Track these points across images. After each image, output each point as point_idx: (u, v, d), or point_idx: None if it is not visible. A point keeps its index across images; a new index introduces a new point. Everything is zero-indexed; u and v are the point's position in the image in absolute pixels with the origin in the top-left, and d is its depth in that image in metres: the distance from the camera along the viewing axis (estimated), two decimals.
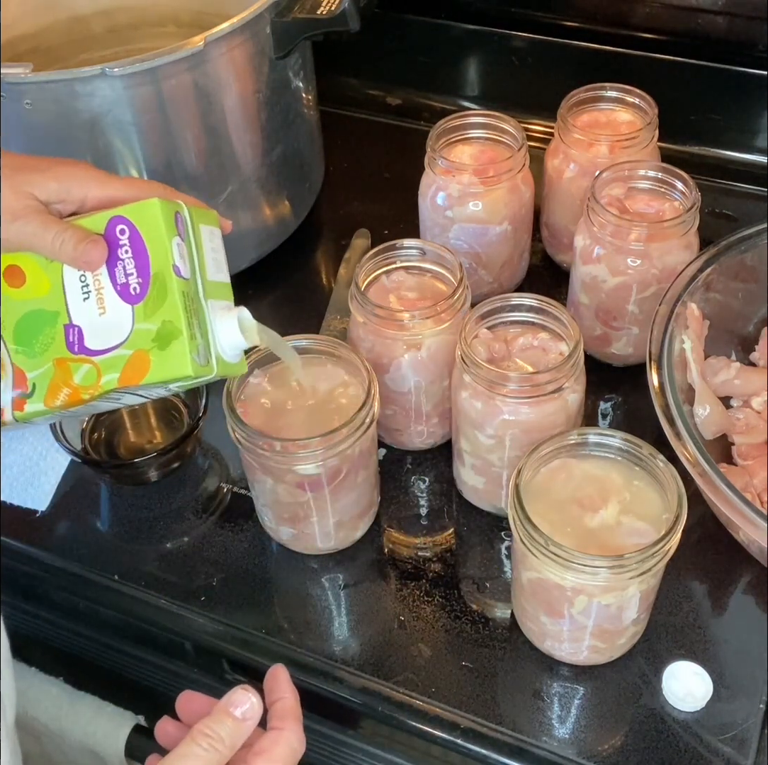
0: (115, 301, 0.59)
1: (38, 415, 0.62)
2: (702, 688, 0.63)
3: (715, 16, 1.00)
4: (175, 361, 0.57)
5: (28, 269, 0.61)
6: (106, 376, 0.59)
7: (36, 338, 0.61)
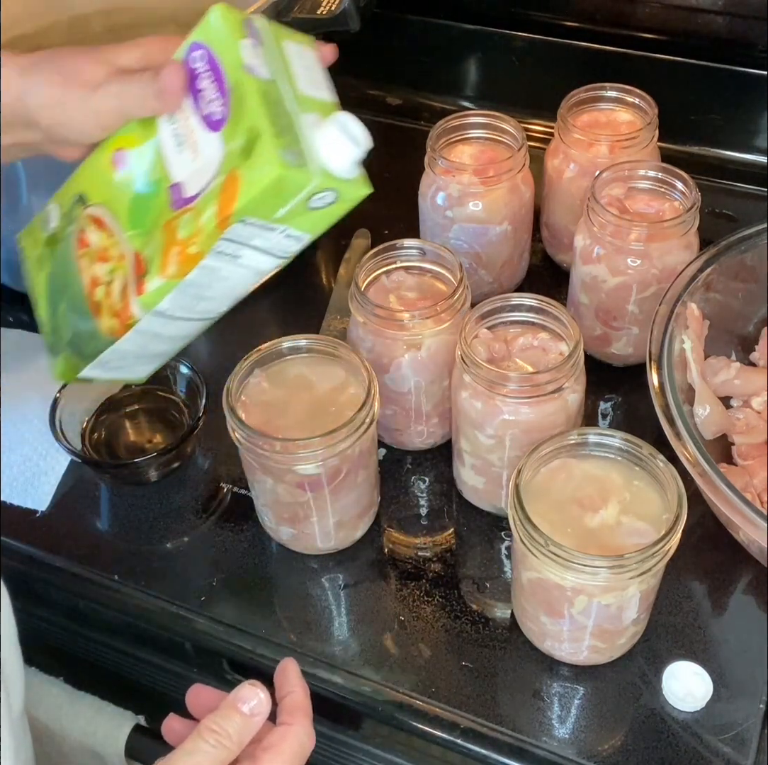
0: (204, 137, 0.54)
1: (160, 293, 0.57)
2: (702, 688, 0.63)
3: (715, 16, 1.00)
4: (261, 164, 0.50)
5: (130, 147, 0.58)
6: (205, 214, 0.53)
7: (147, 214, 0.57)
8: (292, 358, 0.70)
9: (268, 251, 0.57)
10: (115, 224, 0.59)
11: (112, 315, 0.60)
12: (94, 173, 0.61)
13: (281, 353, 0.70)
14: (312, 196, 0.53)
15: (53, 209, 0.63)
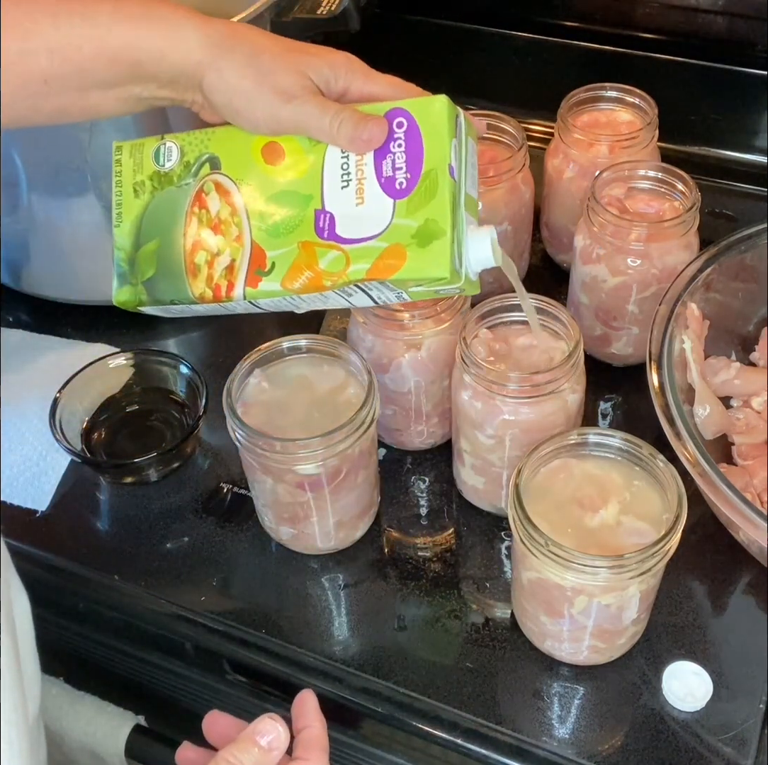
0: (376, 193, 0.57)
1: (270, 295, 0.60)
2: (702, 688, 0.63)
3: (715, 16, 1.00)
4: (433, 260, 0.56)
5: (289, 149, 0.60)
6: (355, 265, 0.57)
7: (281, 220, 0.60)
8: (292, 358, 0.70)
9: (374, 299, 0.62)
10: (243, 207, 0.61)
11: (209, 286, 0.62)
12: (239, 148, 0.62)
13: (281, 353, 0.70)
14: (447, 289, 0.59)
15: (173, 149, 0.64)
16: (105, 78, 0.58)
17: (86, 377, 0.80)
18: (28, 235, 0.88)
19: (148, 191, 0.64)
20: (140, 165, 0.65)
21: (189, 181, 0.63)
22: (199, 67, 0.58)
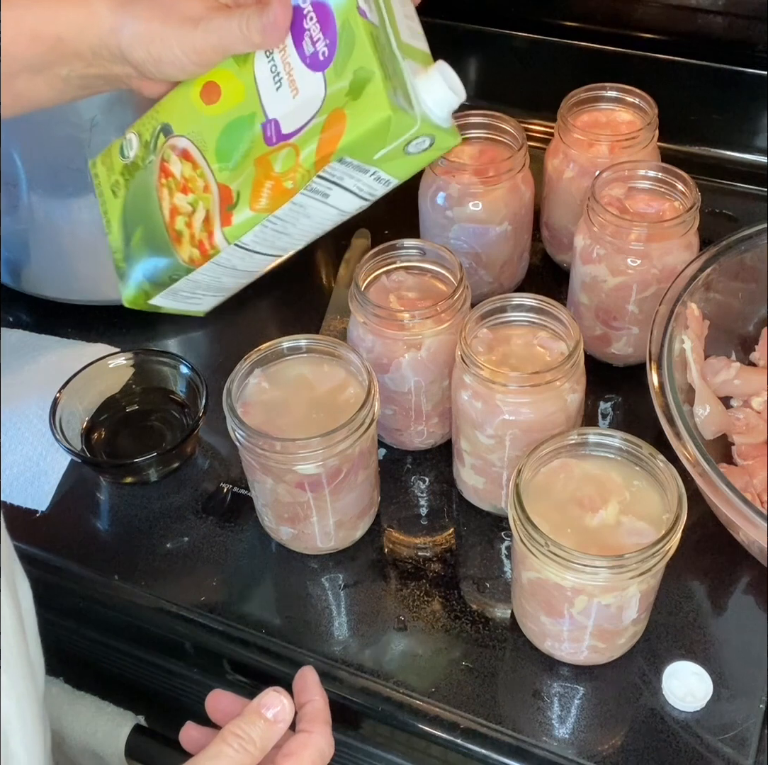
0: (305, 75, 0.55)
1: (246, 226, 0.58)
2: (702, 688, 0.63)
3: (715, 16, 1.00)
4: (370, 104, 0.52)
5: (222, 81, 0.59)
6: (305, 151, 0.55)
7: (236, 148, 0.58)
8: (292, 358, 0.70)
9: (355, 192, 0.58)
10: (200, 156, 0.60)
11: (193, 245, 0.61)
12: (182, 105, 0.61)
13: (281, 353, 0.70)
14: (411, 141, 0.55)
15: (132, 138, 0.64)
16: (29, 60, 0.57)
17: (86, 377, 0.80)
18: (28, 235, 0.88)
19: (123, 187, 0.64)
20: (111, 167, 0.65)
21: (151, 158, 0.63)
22: (113, 32, 0.57)
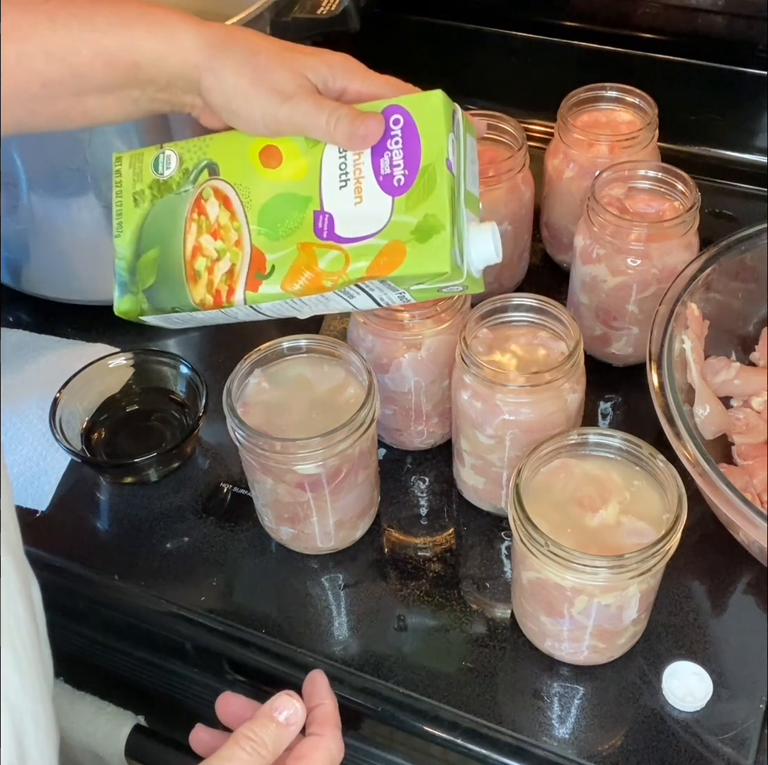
0: (374, 191, 0.57)
1: (270, 298, 0.60)
2: (702, 688, 0.63)
3: (715, 16, 1.00)
4: (433, 255, 0.56)
5: (287, 151, 0.60)
6: (355, 264, 0.57)
7: (281, 221, 0.60)
8: (292, 358, 0.70)
9: (377, 301, 0.61)
10: (241, 211, 0.61)
11: (209, 292, 0.62)
12: (236, 153, 0.62)
13: (281, 353, 0.70)
14: (449, 287, 0.58)
15: (172, 157, 0.64)
16: (103, 81, 0.58)
17: (86, 377, 0.80)
18: (28, 235, 0.88)
19: (148, 200, 0.64)
20: (140, 174, 0.65)
21: (188, 188, 0.63)
22: (196, 69, 0.58)
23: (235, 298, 0.61)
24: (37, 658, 0.45)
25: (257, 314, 0.63)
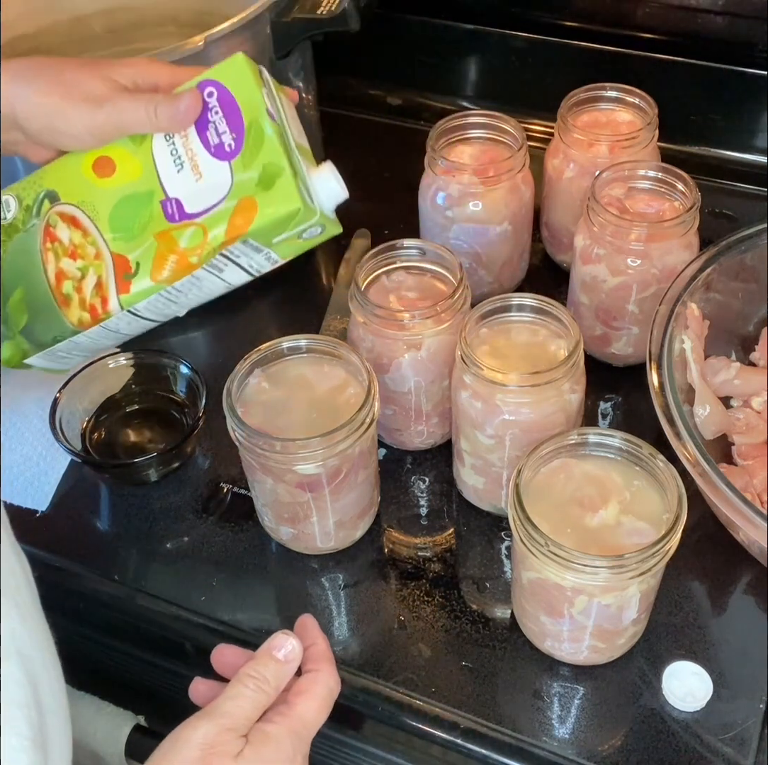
0: (210, 163, 0.60)
1: (144, 295, 0.62)
2: (702, 688, 0.63)
3: (715, 16, 1.00)
4: (282, 196, 0.58)
5: (117, 157, 0.62)
6: (213, 231, 0.60)
7: (133, 221, 0.62)
8: (292, 358, 0.70)
9: (247, 269, 0.64)
10: (91, 225, 0.63)
11: (84, 309, 0.63)
12: (70, 174, 0.64)
13: (281, 353, 0.70)
14: (308, 229, 0.61)
15: (10, 200, 0.66)
16: None
17: (86, 377, 0.80)
18: None
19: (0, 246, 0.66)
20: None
21: (34, 222, 0.65)
22: (8, 102, 0.60)
23: (110, 307, 0.62)
24: (38, 613, 0.47)
25: (138, 320, 0.65)
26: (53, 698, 0.46)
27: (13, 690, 0.42)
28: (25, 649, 0.44)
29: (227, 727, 0.52)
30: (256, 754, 0.52)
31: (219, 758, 0.51)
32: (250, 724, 0.54)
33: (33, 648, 0.45)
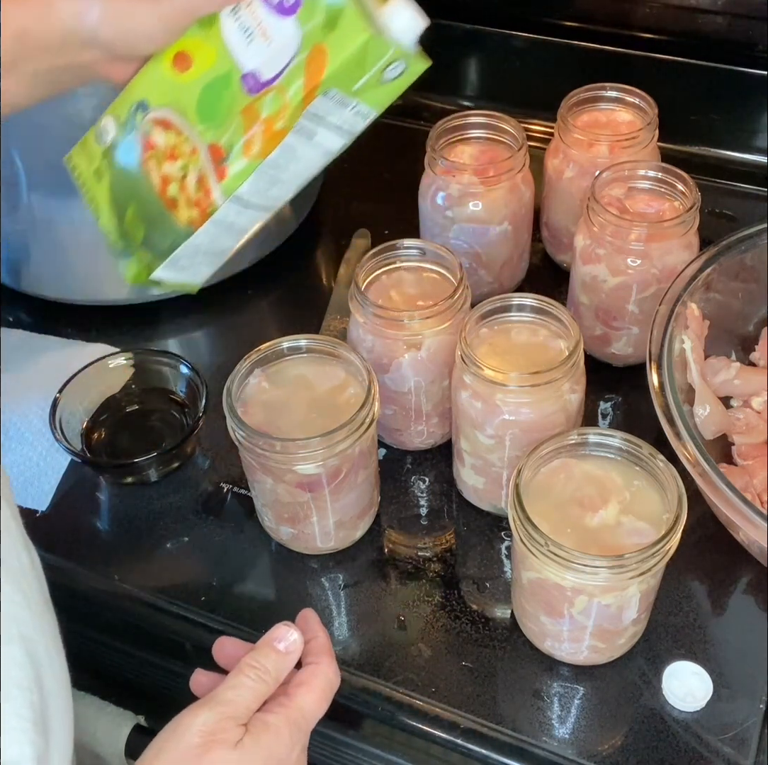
0: (276, 23, 0.59)
1: (242, 176, 0.61)
2: (702, 688, 0.63)
3: (715, 16, 1.00)
4: (348, 31, 0.56)
5: (191, 49, 0.62)
6: (291, 89, 0.58)
7: (218, 107, 0.61)
8: (292, 358, 0.70)
9: (338, 129, 0.61)
10: (183, 122, 0.62)
11: (190, 206, 0.63)
12: (155, 79, 0.63)
13: (281, 353, 0.70)
14: (387, 66, 0.57)
15: (108, 122, 0.66)
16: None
17: (86, 377, 0.80)
18: (28, 235, 0.88)
19: (106, 170, 0.65)
20: (90, 156, 0.66)
21: (131, 136, 0.64)
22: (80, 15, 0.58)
23: (213, 196, 0.62)
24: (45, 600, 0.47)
25: (246, 210, 0.63)
26: (56, 683, 0.46)
27: (15, 672, 0.42)
28: (28, 633, 0.44)
29: (227, 715, 0.53)
30: (255, 743, 0.53)
31: (219, 745, 0.52)
32: (250, 714, 0.54)
33: (36, 632, 0.45)
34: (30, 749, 0.43)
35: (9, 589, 0.43)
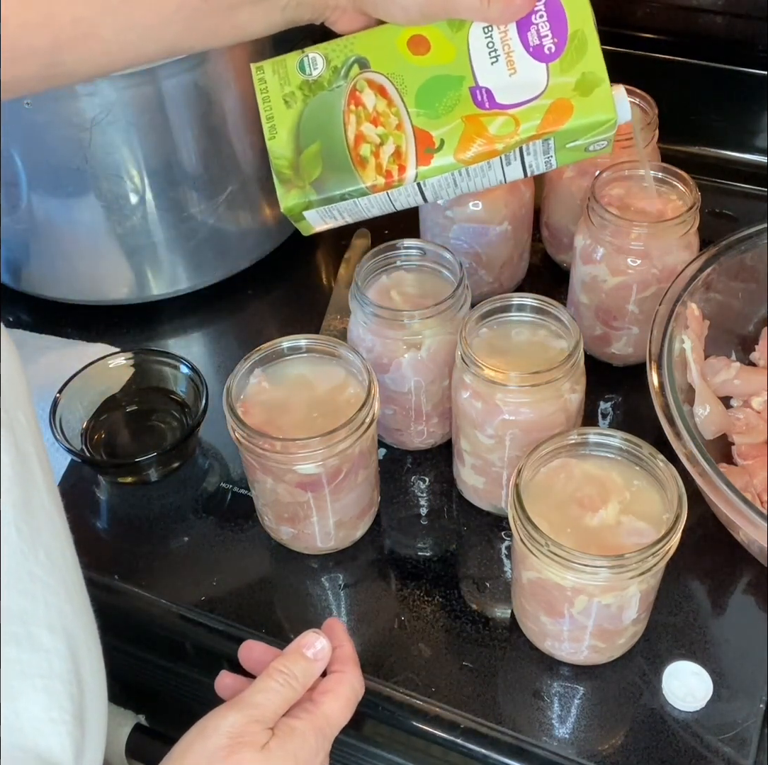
0: (527, 61, 0.62)
1: (442, 170, 0.64)
2: (702, 688, 0.63)
3: (715, 16, 1.00)
4: (600, 104, 0.62)
5: (433, 38, 0.64)
6: (526, 124, 0.62)
7: (439, 101, 0.64)
8: (292, 358, 0.70)
9: (527, 168, 0.65)
10: (398, 97, 0.65)
11: (380, 173, 0.65)
12: (384, 46, 0.66)
13: (281, 353, 0.70)
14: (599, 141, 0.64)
15: (318, 58, 0.67)
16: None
17: (86, 377, 0.80)
18: (28, 235, 0.88)
19: (300, 100, 0.67)
20: (286, 78, 0.67)
21: (340, 83, 0.66)
22: None
23: (406, 175, 0.64)
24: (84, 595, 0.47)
25: (414, 196, 0.66)
26: (93, 678, 0.46)
27: (58, 664, 0.43)
28: (70, 627, 0.44)
29: (255, 718, 0.53)
30: (281, 747, 0.53)
31: (246, 747, 0.52)
32: (276, 718, 0.55)
33: (77, 627, 0.45)
34: (69, 741, 0.43)
35: (54, 582, 0.44)
